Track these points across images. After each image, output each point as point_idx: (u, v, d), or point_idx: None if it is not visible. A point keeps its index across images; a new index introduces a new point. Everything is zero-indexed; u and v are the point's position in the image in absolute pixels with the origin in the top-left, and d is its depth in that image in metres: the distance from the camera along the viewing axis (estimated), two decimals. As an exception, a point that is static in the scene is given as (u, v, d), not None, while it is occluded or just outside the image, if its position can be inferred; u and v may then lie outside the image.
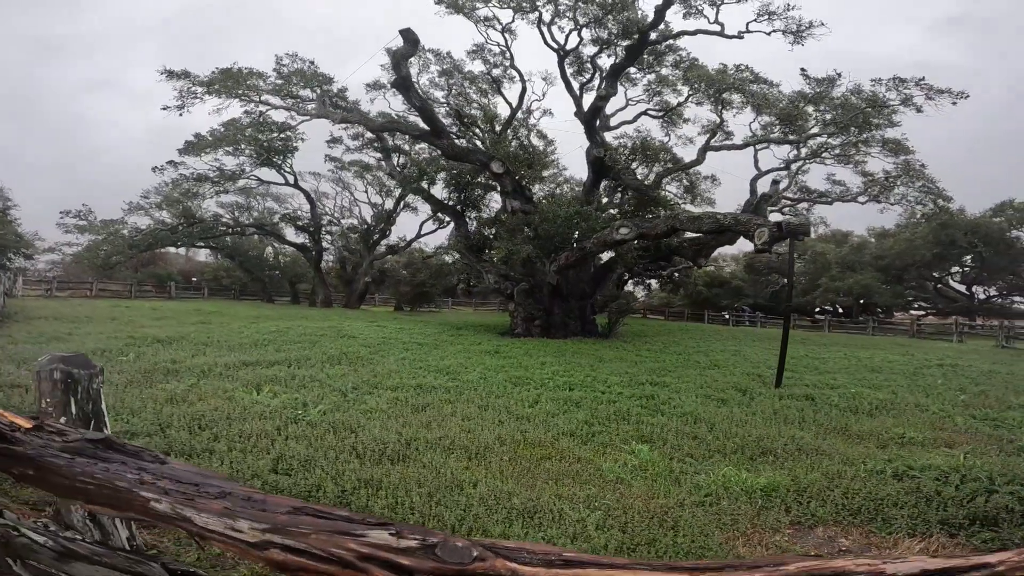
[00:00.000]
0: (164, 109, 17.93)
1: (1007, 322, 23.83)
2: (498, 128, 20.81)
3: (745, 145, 19.07)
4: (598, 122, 17.47)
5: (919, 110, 16.19)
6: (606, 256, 18.47)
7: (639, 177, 19.09)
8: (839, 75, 16.54)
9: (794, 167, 20.49)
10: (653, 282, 31.36)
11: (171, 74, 17.45)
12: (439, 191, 22.59)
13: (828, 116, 17.13)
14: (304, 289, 38.44)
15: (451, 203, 22.05)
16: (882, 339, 24.62)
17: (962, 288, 42.89)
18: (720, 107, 18.38)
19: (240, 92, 18.32)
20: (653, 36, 15.67)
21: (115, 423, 4.85)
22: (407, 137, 26.15)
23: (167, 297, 30.60)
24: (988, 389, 10.56)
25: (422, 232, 33.34)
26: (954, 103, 15.89)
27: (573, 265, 15.60)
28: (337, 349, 11.16)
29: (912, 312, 46.87)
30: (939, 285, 41.62)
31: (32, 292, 24.44)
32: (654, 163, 19.48)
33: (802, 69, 16.83)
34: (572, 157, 50.93)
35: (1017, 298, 41.71)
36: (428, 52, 20.62)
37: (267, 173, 28.72)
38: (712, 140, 18.94)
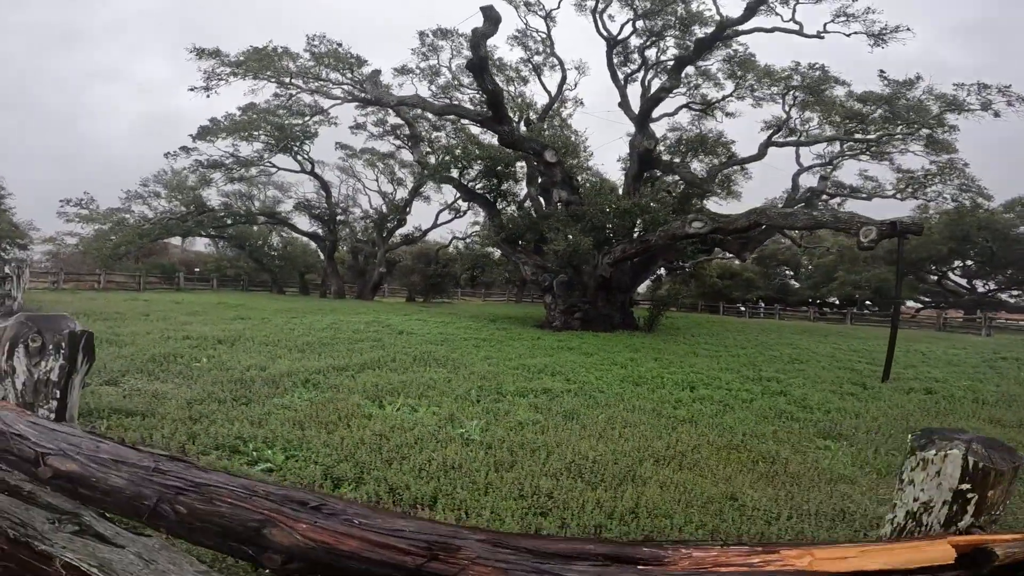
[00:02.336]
0: (191, 90, 16.96)
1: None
2: (533, 116, 20.17)
3: (813, 142, 18.85)
4: (645, 115, 16.97)
5: (997, 115, 16.22)
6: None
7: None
8: (919, 78, 16.51)
9: (835, 162, 20.38)
10: (662, 272, 31.14)
11: (201, 52, 16.45)
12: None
13: (901, 116, 16.97)
14: (311, 279, 37.52)
15: (483, 192, 21.41)
16: (910, 332, 24.76)
17: (962, 282, 43.71)
18: (791, 105, 18.08)
19: (269, 74, 17.38)
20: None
21: (305, 465, 4.30)
22: (428, 124, 25.48)
23: (176, 288, 29.48)
24: (1069, 381, 10.65)
25: (438, 222, 32.62)
26: (1036, 109, 15.94)
27: (631, 258, 15.17)
28: (413, 349, 10.56)
29: (911, 304, 47.74)
30: (943, 280, 42.26)
31: (40, 284, 23.25)
32: (699, 156, 19.09)
33: (880, 71, 16.80)
34: (602, 150, 50.14)
35: (1015, 292, 42.72)
36: (460, 36, 19.88)
37: (281, 161, 27.74)
38: (775, 136, 18.64)
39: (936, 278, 42.39)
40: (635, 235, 15.59)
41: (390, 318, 17.68)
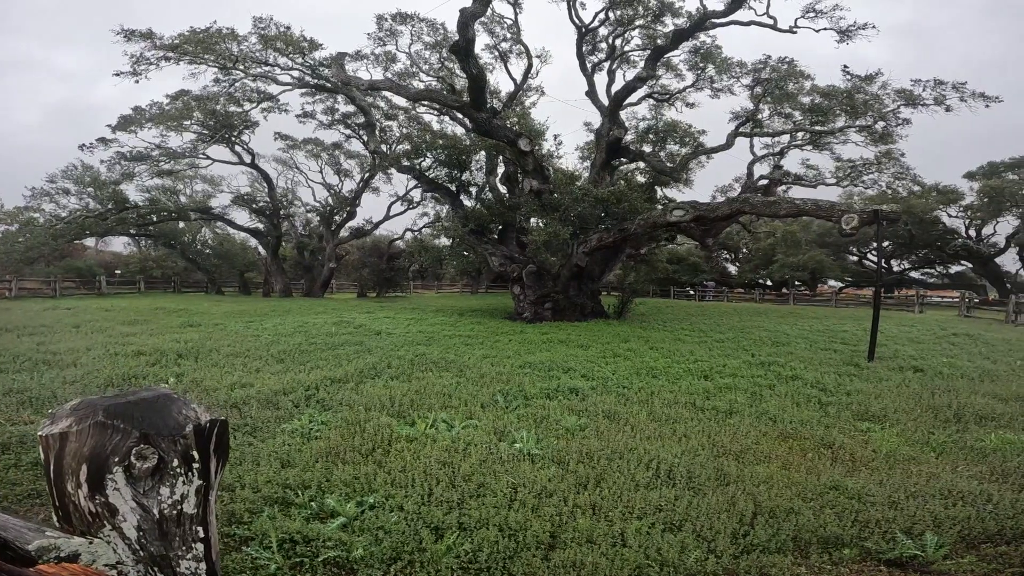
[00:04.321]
0: (116, 75, 15.00)
1: (969, 294, 26.53)
2: (497, 104, 19.62)
3: (777, 133, 19.54)
4: (617, 103, 16.91)
5: (948, 109, 17.41)
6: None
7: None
8: (880, 72, 17.45)
9: (784, 152, 21.33)
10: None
11: (130, 35, 14.51)
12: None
13: (859, 110, 17.88)
14: (251, 277, 35.15)
15: (443, 183, 20.65)
16: (849, 311, 26.50)
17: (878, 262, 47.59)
18: (761, 98, 18.60)
19: (210, 58, 15.71)
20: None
21: (384, 513, 3.75)
22: (380, 112, 24.29)
23: (98, 293, 26.58)
24: (1026, 356, 11.55)
25: (390, 213, 31.38)
26: (987, 106, 17.20)
27: (608, 247, 15.07)
28: (402, 352, 9.84)
29: (832, 283, 51.65)
30: (863, 260, 45.80)
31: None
32: (667, 146, 19.31)
33: (844, 67, 17.59)
34: (557, 138, 49.51)
35: (927, 270, 47.11)
36: (421, 22, 18.92)
37: (217, 152, 25.54)
38: (742, 127, 19.18)
39: (856, 259, 45.91)
40: (605, 224, 15.49)
41: (355, 316, 16.74)
